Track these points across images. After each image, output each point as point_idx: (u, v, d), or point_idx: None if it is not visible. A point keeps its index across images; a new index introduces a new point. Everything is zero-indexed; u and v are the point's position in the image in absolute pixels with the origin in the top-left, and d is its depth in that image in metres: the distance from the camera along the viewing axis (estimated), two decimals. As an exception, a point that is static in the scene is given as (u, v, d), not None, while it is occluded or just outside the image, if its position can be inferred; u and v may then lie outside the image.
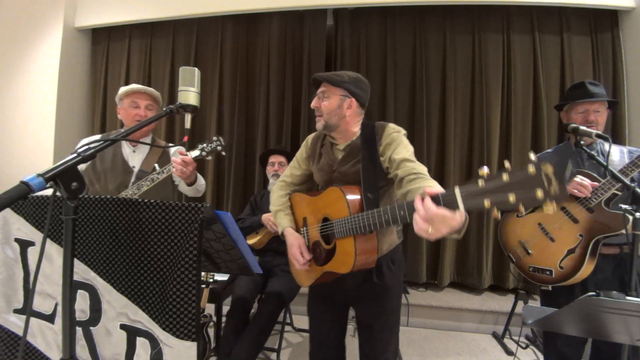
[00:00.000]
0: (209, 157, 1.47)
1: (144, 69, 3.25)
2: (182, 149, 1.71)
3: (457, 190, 0.65)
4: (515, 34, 2.83)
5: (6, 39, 3.12)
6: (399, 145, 1.08)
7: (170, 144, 1.70)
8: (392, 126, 1.15)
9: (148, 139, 1.67)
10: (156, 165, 1.51)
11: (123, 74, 3.27)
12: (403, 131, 1.15)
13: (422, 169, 1.00)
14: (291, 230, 1.26)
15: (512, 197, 0.59)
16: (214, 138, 1.47)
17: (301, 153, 1.35)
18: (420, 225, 0.68)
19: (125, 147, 1.58)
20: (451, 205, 0.66)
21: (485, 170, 0.63)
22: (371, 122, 1.20)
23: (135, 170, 1.55)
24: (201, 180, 1.61)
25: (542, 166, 0.57)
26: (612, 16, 2.74)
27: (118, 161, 1.55)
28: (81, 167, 1.52)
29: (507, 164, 0.61)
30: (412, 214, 0.74)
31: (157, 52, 3.25)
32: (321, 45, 3.06)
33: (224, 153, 1.49)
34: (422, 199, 0.68)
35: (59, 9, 3.06)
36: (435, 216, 0.65)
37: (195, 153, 1.42)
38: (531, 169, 0.57)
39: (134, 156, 1.58)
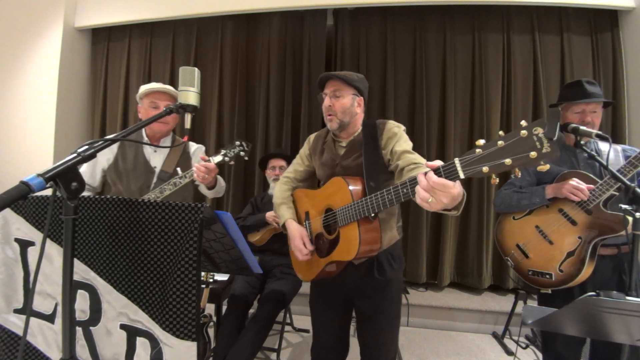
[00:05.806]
0: (232, 162, 1.43)
1: (144, 69, 3.25)
2: (202, 147, 1.70)
3: (456, 161, 0.69)
4: (515, 34, 2.83)
5: (6, 39, 3.12)
6: (400, 139, 1.15)
7: (192, 143, 1.67)
8: (392, 122, 1.21)
9: (168, 139, 1.63)
10: (178, 169, 1.49)
11: (123, 74, 3.27)
12: (403, 127, 1.21)
13: (422, 160, 1.05)
14: (293, 221, 1.27)
15: (508, 161, 0.61)
16: (237, 142, 1.44)
17: (304, 150, 1.41)
18: (421, 195, 0.72)
19: (147, 147, 1.56)
20: (452, 175, 0.70)
21: (481, 141, 0.66)
22: (372, 120, 1.25)
23: (157, 170, 1.54)
24: (221, 182, 1.58)
25: (533, 129, 0.58)
26: (612, 16, 2.74)
27: (140, 161, 1.53)
28: (103, 166, 1.53)
29: (500, 132, 0.63)
30: (414, 188, 0.77)
31: (157, 52, 3.25)
32: (321, 45, 3.06)
33: (246, 158, 1.45)
34: (425, 174, 0.73)
35: (59, 9, 3.06)
36: (435, 185, 0.69)
37: (218, 159, 1.40)
38: (523, 132, 0.59)
39: (155, 156, 1.56)
